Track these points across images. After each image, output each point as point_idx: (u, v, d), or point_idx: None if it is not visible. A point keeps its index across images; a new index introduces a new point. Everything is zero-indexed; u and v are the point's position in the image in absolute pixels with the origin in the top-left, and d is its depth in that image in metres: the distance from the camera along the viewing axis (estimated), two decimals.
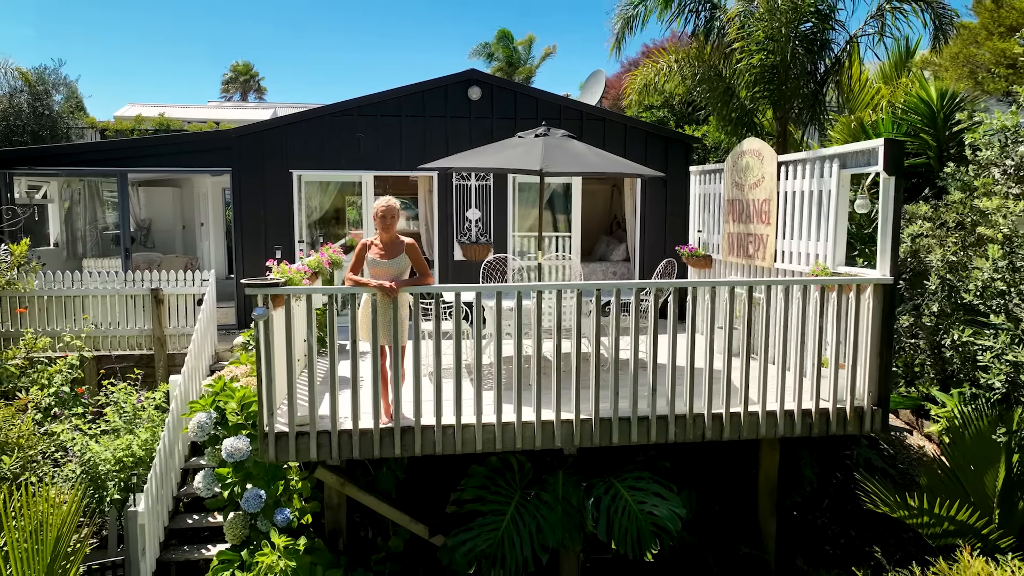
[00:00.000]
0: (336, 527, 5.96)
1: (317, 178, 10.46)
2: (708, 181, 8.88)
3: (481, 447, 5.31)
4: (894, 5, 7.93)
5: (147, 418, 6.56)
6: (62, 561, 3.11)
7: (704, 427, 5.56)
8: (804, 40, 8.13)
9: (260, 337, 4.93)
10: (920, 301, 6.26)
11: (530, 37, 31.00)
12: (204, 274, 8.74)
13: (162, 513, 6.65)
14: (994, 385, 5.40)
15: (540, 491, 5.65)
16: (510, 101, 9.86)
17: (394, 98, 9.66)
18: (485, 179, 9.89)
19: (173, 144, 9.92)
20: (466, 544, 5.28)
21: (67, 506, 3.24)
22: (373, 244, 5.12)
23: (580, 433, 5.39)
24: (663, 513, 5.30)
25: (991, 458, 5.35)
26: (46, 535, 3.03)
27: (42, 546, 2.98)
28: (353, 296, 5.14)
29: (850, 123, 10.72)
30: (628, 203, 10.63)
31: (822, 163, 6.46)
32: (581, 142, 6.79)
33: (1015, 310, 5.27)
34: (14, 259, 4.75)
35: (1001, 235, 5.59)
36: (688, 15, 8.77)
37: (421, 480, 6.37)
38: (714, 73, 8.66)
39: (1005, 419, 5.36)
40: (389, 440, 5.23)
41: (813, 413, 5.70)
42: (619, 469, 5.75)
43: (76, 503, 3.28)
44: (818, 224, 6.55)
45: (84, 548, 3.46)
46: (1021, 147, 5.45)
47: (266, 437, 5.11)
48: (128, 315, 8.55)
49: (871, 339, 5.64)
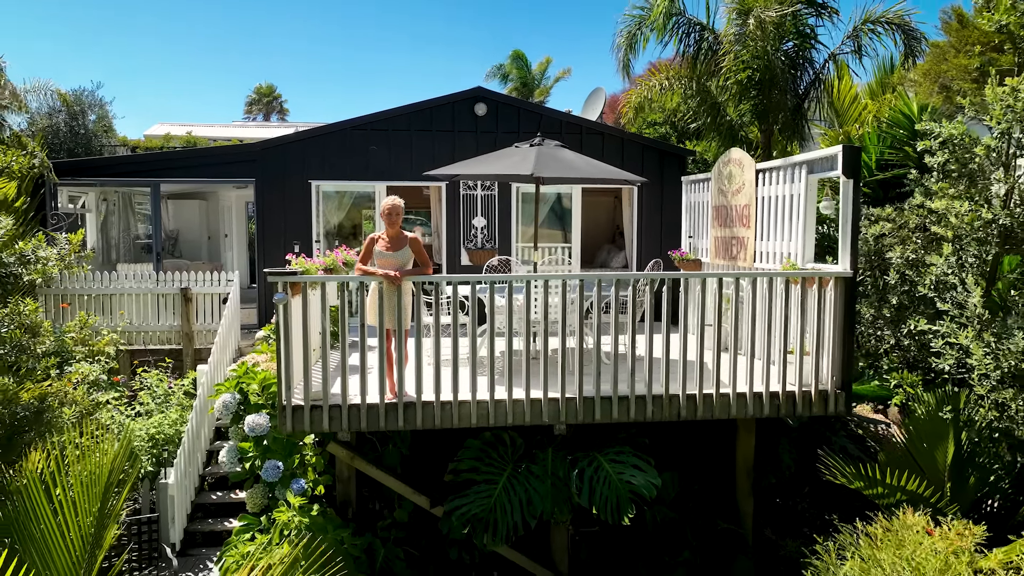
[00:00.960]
0: (346, 498, 6.55)
1: (333, 188, 11.19)
2: (697, 190, 9.46)
3: (476, 421, 5.89)
4: (868, 26, 8.52)
5: (176, 401, 7.23)
6: (113, 490, 3.76)
7: (679, 406, 6.10)
8: (787, 58, 8.74)
9: (280, 319, 5.58)
10: (883, 295, 6.79)
11: (547, 60, 31.88)
12: (229, 275, 9.47)
13: (189, 488, 7.30)
14: (944, 369, 5.90)
15: (531, 464, 6.21)
16: (514, 116, 10.55)
17: (405, 114, 10.39)
18: (490, 189, 10.56)
19: (201, 157, 10.72)
20: (461, 508, 5.86)
21: (118, 447, 3.89)
22: (380, 238, 5.77)
23: (565, 410, 5.96)
24: (640, 482, 5.84)
25: (941, 435, 5.85)
26: (102, 468, 3.67)
27: (98, 475, 3.63)
28: (361, 285, 5.78)
29: (838, 137, 11.30)
30: (626, 212, 11.25)
31: (793, 169, 7.04)
32: (572, 151, 7.43)
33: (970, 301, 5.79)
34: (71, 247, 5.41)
35: (951, 233, 6.12)
36: (681, 36, 9.42)
37: (423, 457, 6.95)
38: (703, 89, 9.29)
39: (952, 400, 5.86)
40: (393, 414, 5.84)
41: (781, 395, 6.22)
42: (603, 445, 6.30)
43: (123, 447, 3.92)
44: (790, 225, 7.11)
45: (129, 482, 4.09)
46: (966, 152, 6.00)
47: (284, 410, 5.74)
48: (159, 312, 9.28)
49: (834, 328, 6.18)
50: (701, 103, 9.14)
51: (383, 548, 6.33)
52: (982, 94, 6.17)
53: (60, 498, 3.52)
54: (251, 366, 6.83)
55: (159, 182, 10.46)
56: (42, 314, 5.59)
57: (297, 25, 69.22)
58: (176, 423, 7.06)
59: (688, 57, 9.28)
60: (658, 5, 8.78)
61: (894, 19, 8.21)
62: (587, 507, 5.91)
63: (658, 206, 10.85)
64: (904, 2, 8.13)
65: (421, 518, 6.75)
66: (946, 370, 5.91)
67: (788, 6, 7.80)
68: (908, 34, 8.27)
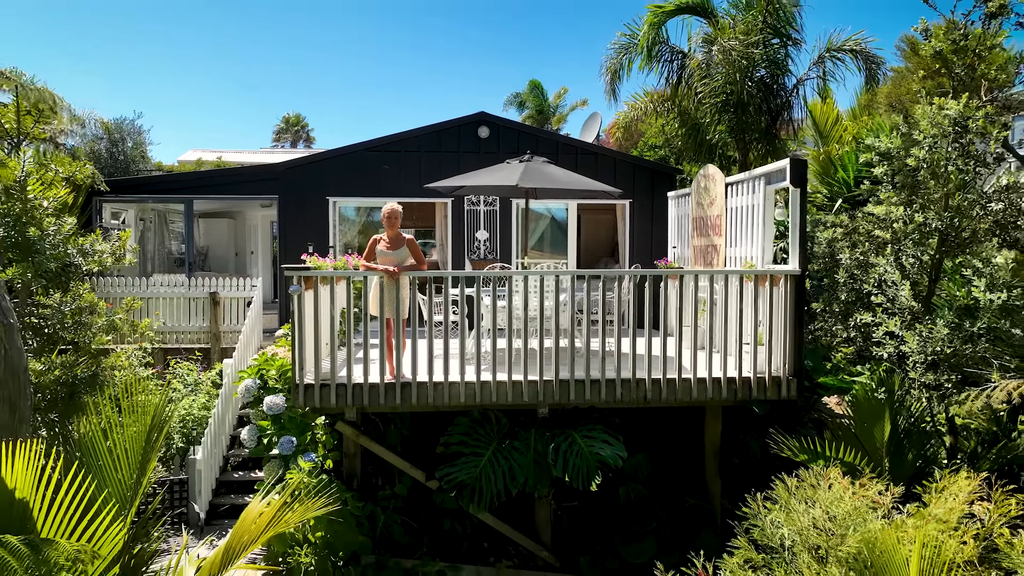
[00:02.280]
0: (352, 472, 7.38)
1: (349, 204, 12.17)
2: (681, 204, 10.27)
3: (464, 400, 6.71)
4: (832, 54, 9.34)
5: (204, 389, 8.14)
6: (155, 431, 4.64)
7: (646, 390, 6.86)
8: (760, 85, 9.58)
9: (295, 309, 6.48)
10: (834, 292, 7.51)
11: (563, 90, 33.12)
12: (253, 281, 10.46)
13: (214, 466, 8.17)
14: (884, 356, 6.61)
15: (514, 441, 7.00)
16: (514, 138, 11.48)
17: (415, 136, 11.37)
18: (492, 204, 11.46)
19: (230, 176, 11.78)
20: (450, 475, 6.65)
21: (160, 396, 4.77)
22: (381, 239, 6.67)
23: (544, 392, 6.76)
24: (607, 454, 6.60)
25: (878, 415, 6.53)
26: (148, 409, 4.53)
27: (145, 414, 4.50)
28: (365, 278, 6.66)
29: (819, 156, 12.08)
30: (620, 227, 12.07)
31: (754, 181, 7.84)
32: (557, 167, 8.30)
33: (900, 295, 6.51)
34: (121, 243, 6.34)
35: (890, 236, 6.86)
36: (664, 63, 10.32)
37: (421, 437, 7.75)
38: (684, 112, 10.15)
39: (887, 383, 6.55)
40: (392, 393, 6.68)
41: (738, 380, 6.96)
42: (578, 424, 7.07)
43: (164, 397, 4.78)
44: (752, 231, 7.89)
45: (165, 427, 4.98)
46: (902, 164, 6.76)
47: (297, 388, 6.62)
48: (190, 315, 10.26)
49: (786, 320, 6.93)
50: (682, 124, 9.99)
51: (383, 515, 7.13)
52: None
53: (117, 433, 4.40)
54: (270, 356, 7.73)
55: (192, 199, 11.53)
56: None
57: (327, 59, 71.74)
58: (204, 407, 7.96)
59: (671, 83, 10.16)
60: (643, 35, 9.69)
61: (854, 46, 9.01)
62: (561, 477, 6.66)
63: (649, 220, 11.66)
64: (863, 32, 8.95)
65: (419, 493, 7.54)
66: (885, 357, 6.62)
67: (753, 36, 8.66)
68: (868, 60, 9.07)
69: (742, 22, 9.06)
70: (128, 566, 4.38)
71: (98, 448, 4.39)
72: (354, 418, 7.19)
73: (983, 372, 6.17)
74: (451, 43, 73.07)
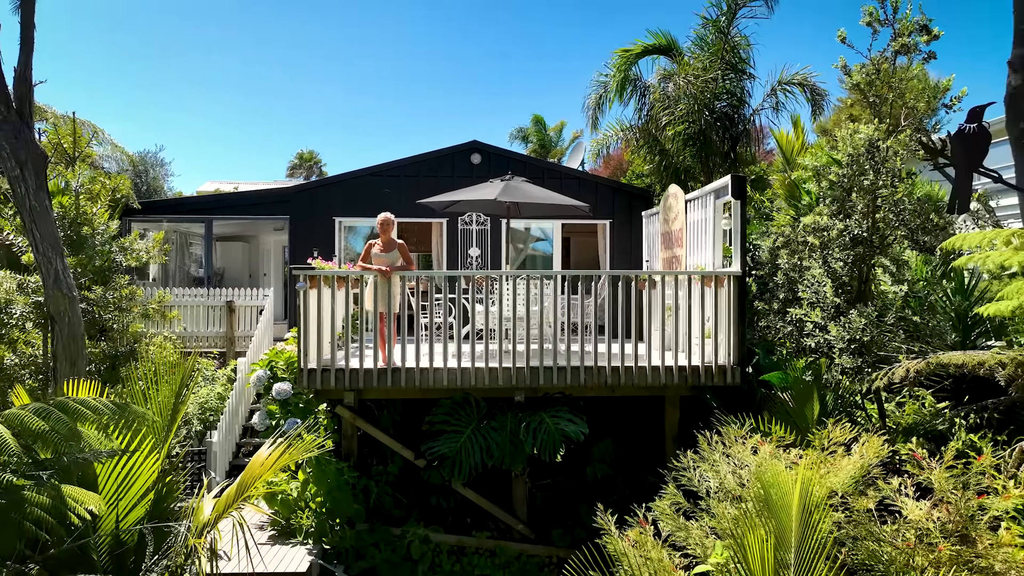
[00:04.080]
0: (349, 451, 8.33)
1: (354, 224, 13.31)
2: (652, 222, 11.32)
3: (447, 384, 7.70)
4: (783, 86, 10.47)
5: (220, 382, 9.17)
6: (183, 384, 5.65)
7: (606, 376, 7.83)
8: (720, 115, 10.70)
9: (300, 303, 7.53)
10: (774, 293, 8.49)
11: (562, 123, 34.64)
12: (265, 291, 11.55)
13: (228, 451, 9.15)
14: (811, 345, 7.57)
15: (491, 422, 7.95)
16: (504, 164, 12.63)
17: (414, 162, 12.55)
18: (483, 224, 12.56)
19: (246, 198, 12.97)
20: (433, 448, 7.61)
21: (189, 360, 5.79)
22: (376, 243, 7.75)
23: (517, 377, 7.74)
24: (571, 429, 7.54)
25: (807, 395, 7.45)
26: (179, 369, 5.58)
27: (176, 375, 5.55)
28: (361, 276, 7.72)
29: (786, 181, 13.15)
30: (600, 245, 13.13)
31: (706, 197, 8.89)
32: (533, 185, 9.40)
33: (822, 290, 7.50)
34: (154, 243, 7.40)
35: (818, 242, 7.87)
36: (636, 96, 11.48)
37: (410, 422, 8.71)
38: (654, 139, 11.27)
39: (814, 367, 7.50)
40: (384, 377, 7.68)
41: (688, 369, 7.92)
42: (548, 408, 8.02)
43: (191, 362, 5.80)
44: (705, 240, 8.92)
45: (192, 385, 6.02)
46: (824, 179, 7.81)
47: (302, 372, 7.63)
48: (208, 321, 11.34)
49: (730, 316, 7.90)
50: (650, 150, 11.10)
51: (376, 488, 8.07)
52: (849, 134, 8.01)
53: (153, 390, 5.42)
54: (280, 350, 8.77)
55: (212, 219, 12.71)
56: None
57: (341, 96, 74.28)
58: (220, 397, 8.98)
59: (641, 115, 11.31)
60: (613, 77, 10.88)
61: (802, 80, 10.13)
62: (532, 452, 7.60)
63: (628, 239, 12.72)
64: (808, 67, 10.09)
65: (409, 472, 8.47)
66: (813, 346, 7.59)
67: (711, 72, 9.79)
68: (814, 92, 10.18)
69: (700, 60, 10.22)
70: (161, 492, 5.41)
71: (137, 399, 5.43)
72: (352, 403, 8.18)
73: (893, 356, 7.12)
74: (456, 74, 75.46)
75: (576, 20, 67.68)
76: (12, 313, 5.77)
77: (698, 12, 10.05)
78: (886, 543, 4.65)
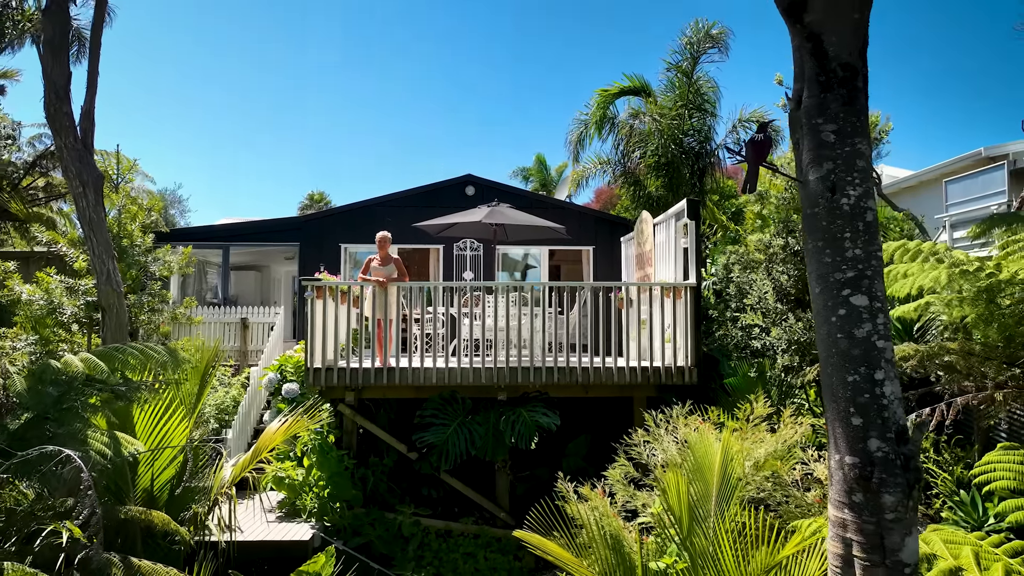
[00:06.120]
0: (349, 445, 9.31)
1: (357, 250, 14.48)
2: (629, 247, 12.43)
3: (436, 381, 8.72)
4: (743, 123, 11.66)
5: (235, 387, 10.22)
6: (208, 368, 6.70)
7: (576, 376, 8.83)
8: (688, 150, 11.89)
9: (308, 310, 8.61)
10: (727, 302, 9.54)
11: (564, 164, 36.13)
12: (276, 309, 12.65)
13: (241, 448, 10.13)
14: (758, 347, 8.59)
15: (476, 416, 8.94)
16: (495, 194, 13.80)
17: (413, 194, 13.75)
18: (476, 250, 13.69)
19: (260, 226, 14.18)
20: (423, 438, 8.59)
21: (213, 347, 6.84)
22: (374, 258, 8.86)
23: (497, 376, 8.75)
24: (544, 421, 8.52)
25: (752, 388, 8.45)
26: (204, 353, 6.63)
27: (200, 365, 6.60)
28: (361, 288, 8.81)
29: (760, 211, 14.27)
30: (585, 269, 14.22)
31: (670, 219, 9.99)
32: (516, 210, 10.54)
33: (765, 298, 8.55)
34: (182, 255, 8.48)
35: (763, 257, 8.95)
36: (612, 132, 12.70)
37: (403, 420, 9.69)
38: (629, 171, 12.45)
39: (759, 366, 8.50)
40: (381, 375, 8.71)
41: (650, 369, 8.91)
42: (526, 404, 9.02)
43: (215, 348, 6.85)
44: (668, 258, 9.99)
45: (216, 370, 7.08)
46: (767, 204, 8.92)
47: (308, 371, 8.67)
48: (224, 337, 12.42)
49: (687, 323, 8.93)
50: (625, 181, 12.27)
51: (372, 477, 9.03)
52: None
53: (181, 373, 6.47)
54: (289, 355, 9.83)
55: (229, 245, 13.90)
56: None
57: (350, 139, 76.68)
58: (234, 399, 10.01)
59: (618, 149, 12.53)
60: (591, 115, 12.13)
61: (760, 118, 11.31)
62: (510, 442, 8.56)
63: (609, 264, 13.80)
64: (763, 106, 11.31)
65: (402, 466, 9.43)
66: (759, 347, 8.60)
67: (675, 111, 11.00)
68: (773, 129, 11.36)
69: (669, 99, 11.46)
70: (187, 455, 6.43)
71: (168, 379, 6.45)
72: (352, 402, 9.19)
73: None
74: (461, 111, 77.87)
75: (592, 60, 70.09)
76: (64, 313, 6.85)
77: (664, 58, 11.33)
78: (793, 495, 5.64)
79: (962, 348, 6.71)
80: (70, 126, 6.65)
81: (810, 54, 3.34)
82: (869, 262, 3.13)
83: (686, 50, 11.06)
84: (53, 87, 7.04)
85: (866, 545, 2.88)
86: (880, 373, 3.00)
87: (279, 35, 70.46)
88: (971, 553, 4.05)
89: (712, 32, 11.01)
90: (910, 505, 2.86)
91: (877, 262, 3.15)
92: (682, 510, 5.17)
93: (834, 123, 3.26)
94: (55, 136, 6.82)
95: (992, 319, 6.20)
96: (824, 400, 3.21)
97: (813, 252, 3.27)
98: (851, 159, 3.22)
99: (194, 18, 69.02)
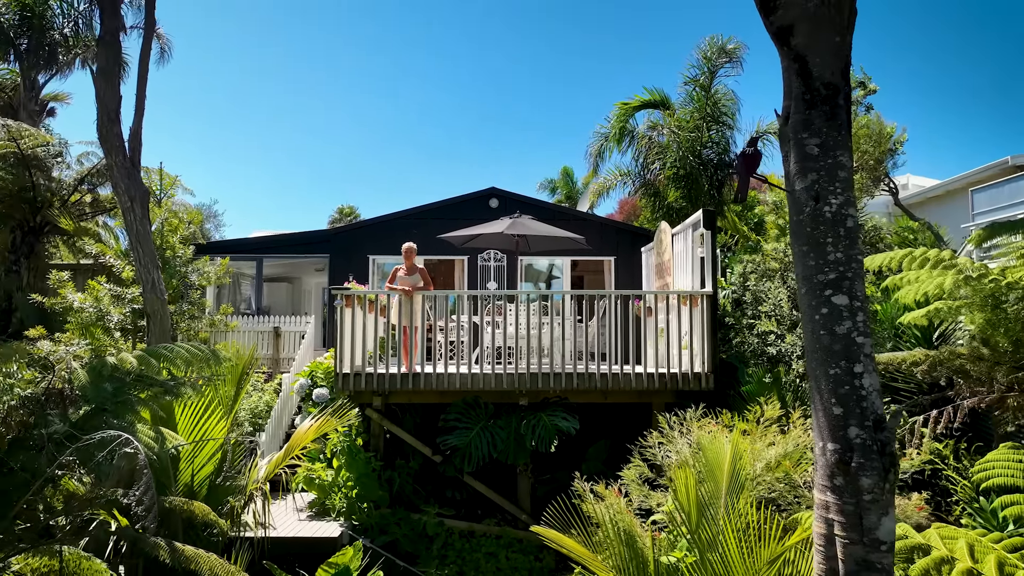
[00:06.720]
0: (376, 448, 9.67)
1: (385, 261, 14.94)
2: (649, 257, 12.68)
3: (459, 387, 9.05)
4: (763, 135, 11.87)
5: (268, 393, 10.67)
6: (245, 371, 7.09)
7: (596, 382, 9.10)
8: (706, 163, 12.13)
9: (338, 318, 9.02)
10: (743, 310, 9.73)
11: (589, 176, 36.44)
12: (307, 318, 13.13)
13: (274, 451, 10.55)
14: (773, 354, 8.78)
15: (498, 421, 9.25)
16: (518, 206, 14.16)
17: (439, 207, 14.17)
18: (500, 261, 14.04)
19: (293, 239, 14.72)
20: (447, 441, 8.92)
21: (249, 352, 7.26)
22: (401, 268, 9.25)
23: (519, 382, 9.05)
24: (563, 425, 8.80)
25: (768, 391, 8.63)
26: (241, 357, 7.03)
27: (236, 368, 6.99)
28: (388, 296, 9.19)
29: (778, 221, 14.42)
30: (606, 279, 14.49)
31: (687, 229, 10.24)
32: (537, 222, 10.87)
33: (780, 306, 8.75)
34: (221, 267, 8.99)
35: (778, 265, 9.15)
36: (632, 145, 12.99)
37: (428, 425, 10.03)
38: (648, 182, 12.72)
39: (774, 372, 8.68)
40: (406, 380, 9.07)
41: (667, 375, 9.14)
42: (546, 409, 9.30)
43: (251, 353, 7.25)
44: (686, 267, 10.23)
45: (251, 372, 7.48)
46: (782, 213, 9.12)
47: (337, 376, 9.06)
48: (258, 344, 12.92)
49: (704, 330, 9.15)
50: (645, 192, 12.54)
51: (399, 478, 9.37)
52: None
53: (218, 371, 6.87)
54: (319, 361, 10.25)
55: (262, 257, 14.46)
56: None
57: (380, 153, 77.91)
58: (267, 404, 10.46)
59: (637, 161, 12.81)
60: (612, 127, 12.44)
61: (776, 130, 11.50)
62: (531, 445, 8.84)
63: (630, 274, 14.05)
64: None
65: (427, 469, 9.76)
66: (774, 353, 8.79)
67: (693, 123, 11.26)
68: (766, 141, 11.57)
69: (688, 112, 11.73)
70: (226, 452, 6.83)
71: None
72: (379, 407, 9.56)
73: None
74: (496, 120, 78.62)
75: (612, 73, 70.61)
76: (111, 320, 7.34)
77: (683, 72, 11.62)
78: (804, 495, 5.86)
79: (972, 353, 6.86)
80: (120, 146, 7.19)
81: (796, 74, 3.63)
82: (850, 264, 3.39)
83: (703, 64, 11.33)
84: (105, 110, 7.59)
85: (846, 524, 3.13)
86: (859, 366, 3.26)
87: (313, 57, 72.02)
88: (965, 544, 4.24)
89: (727, 47, 11.28)
90: (886, 488, 3.10)
91: (857, 265, 3.41)
92: (691, 505, 5.41)
93: (818, 137, 3.53)
94: (106, 155, 7.38)
95: (999, 324, 6.35)
96: (810, 392, 3.46)
97: (799, 255, 3.54)
98: (833, 170, 3.49)
99: (236, 42, 70.86)
